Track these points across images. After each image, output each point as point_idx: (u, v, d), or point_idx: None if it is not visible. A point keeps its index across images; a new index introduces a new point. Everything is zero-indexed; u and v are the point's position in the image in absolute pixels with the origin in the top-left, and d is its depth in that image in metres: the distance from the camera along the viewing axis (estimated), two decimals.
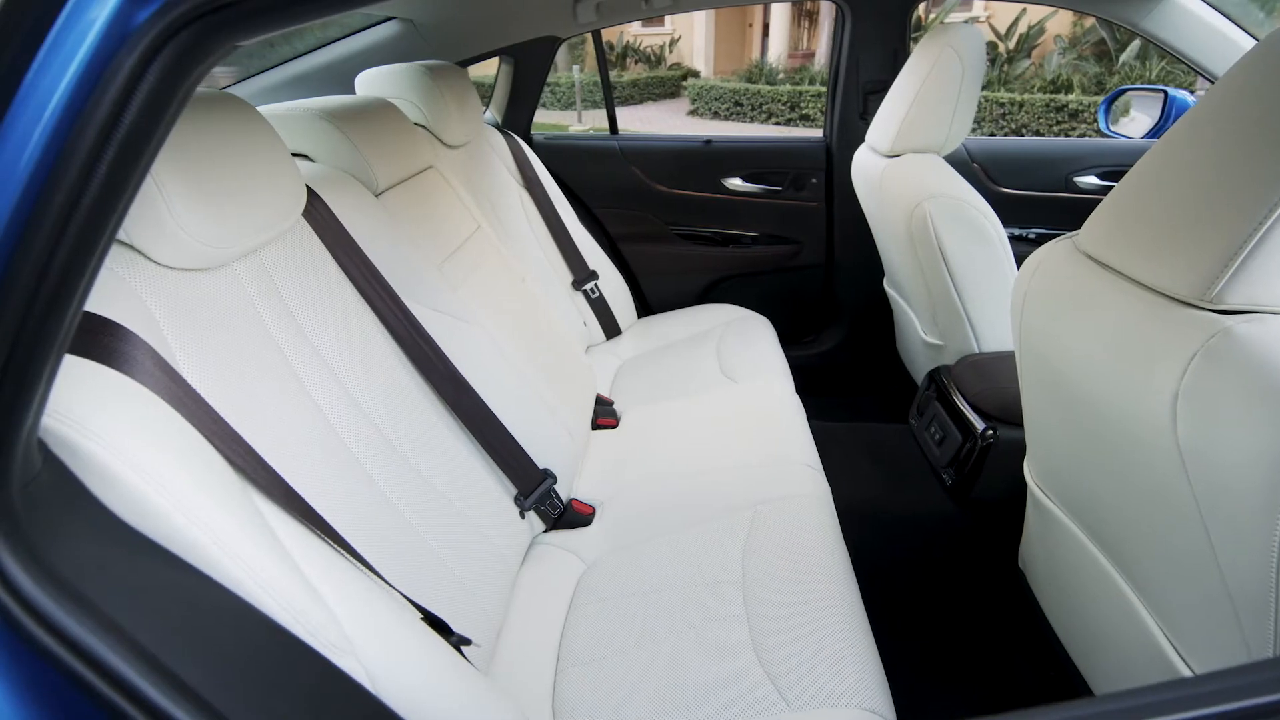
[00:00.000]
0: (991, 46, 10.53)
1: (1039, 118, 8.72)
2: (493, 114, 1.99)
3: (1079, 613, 0.92)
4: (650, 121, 11.20)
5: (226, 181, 0.69)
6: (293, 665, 0.54)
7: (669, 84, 13.94)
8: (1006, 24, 10.40)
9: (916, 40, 1.43)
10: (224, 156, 0.69)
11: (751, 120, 11.16)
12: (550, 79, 12.56)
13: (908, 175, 1.33)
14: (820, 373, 2.11)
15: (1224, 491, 0.54)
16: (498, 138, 1.75)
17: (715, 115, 11.64)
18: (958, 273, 1.30)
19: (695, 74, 14.16)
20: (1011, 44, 10.38)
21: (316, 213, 0.90)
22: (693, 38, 15.19)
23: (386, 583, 0.70)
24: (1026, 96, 8.87)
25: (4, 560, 0.41)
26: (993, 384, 1.25)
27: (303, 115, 1.02)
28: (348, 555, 0.66)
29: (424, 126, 1.43)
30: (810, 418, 1.40)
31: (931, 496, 1.44)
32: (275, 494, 0.62)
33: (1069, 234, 0.78)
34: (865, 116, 1.81)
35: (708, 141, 2.02)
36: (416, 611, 0.73)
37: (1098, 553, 0.83)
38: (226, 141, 0.70)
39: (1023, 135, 8.89)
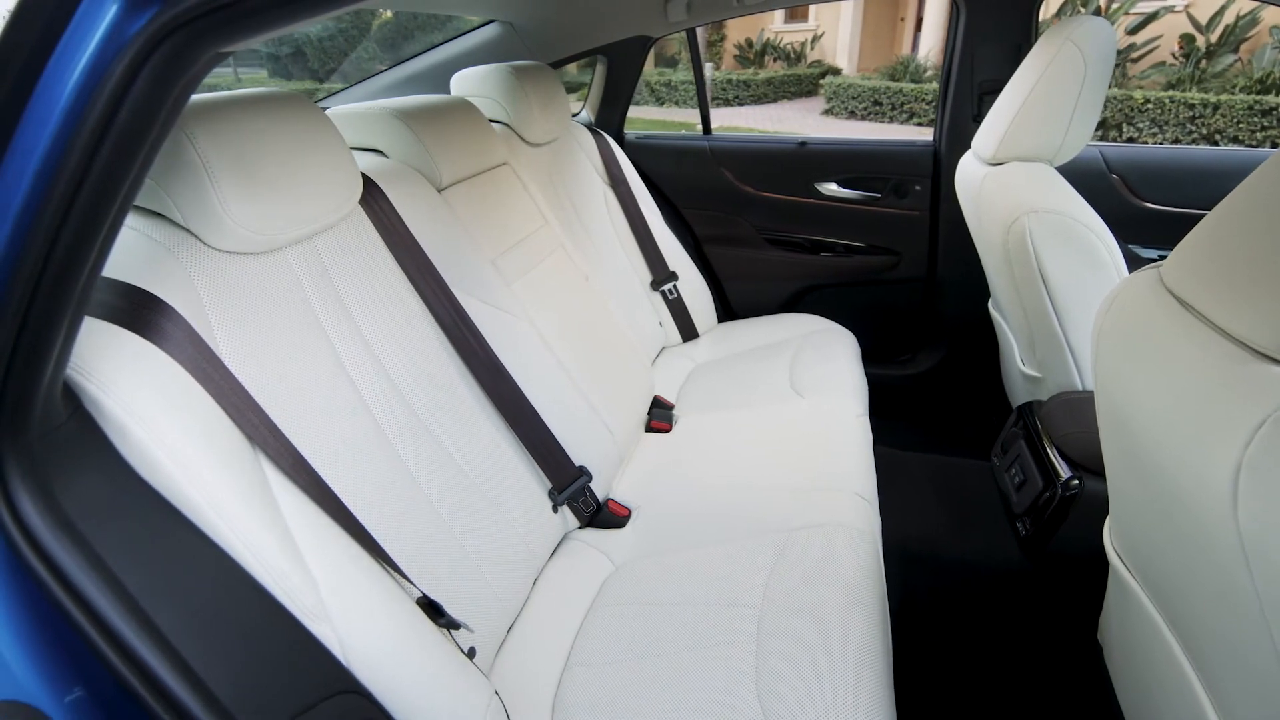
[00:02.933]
0: (1188, 39, 9.20)
1: (1238, 122, 7.49)
2: (587, 113, 2.03)
3: (1152, 711, 0.78)
4: (781, 121, 10.89)
5: (278, 175, 0.75)
6: (267, 626, 0.58)
7: (806, 82, 13.48)
8: (1210, 14, 9.02)
9: None
10: (278, 151, 0.75)
11: (891, 120, 10.51)
12: (685, 77, 12.62)
13: (1008, 185, 1.19)
14: (912, 395, 1.95)
15: None
16: (586, 136, 1.78)
17: (851, 115, 11.09)
18: (1060, 298, 1.15)
19: (835, 71, 13.58)
20: (1214, 37, 9.00)
21: (375, 203, 0.96)
22: (837, 33, 14.54)
23: (385, 558, 0.73)
24: (1224, 97, 7.64)
25: (17, 493, 0.48)
26: (1084, 427, 1.09)
27: (379, 113, 1.09)
28: (348, 529, 0.70)
29: (507, 124, 1.48)
30: (885, 444, 1.30)
31: (1001, 546, 1.29)
32: (284, 464, 0.67)
33: (1157, 262, 0.66)
34: (979, 119, 1.65)
35: (802, 143, 1.93)
36: (411, 589, 0.76)
37: (1173, 642, 0.70)
38: (282, 137, 0.76)
39: (1217, 142, 7.70)
